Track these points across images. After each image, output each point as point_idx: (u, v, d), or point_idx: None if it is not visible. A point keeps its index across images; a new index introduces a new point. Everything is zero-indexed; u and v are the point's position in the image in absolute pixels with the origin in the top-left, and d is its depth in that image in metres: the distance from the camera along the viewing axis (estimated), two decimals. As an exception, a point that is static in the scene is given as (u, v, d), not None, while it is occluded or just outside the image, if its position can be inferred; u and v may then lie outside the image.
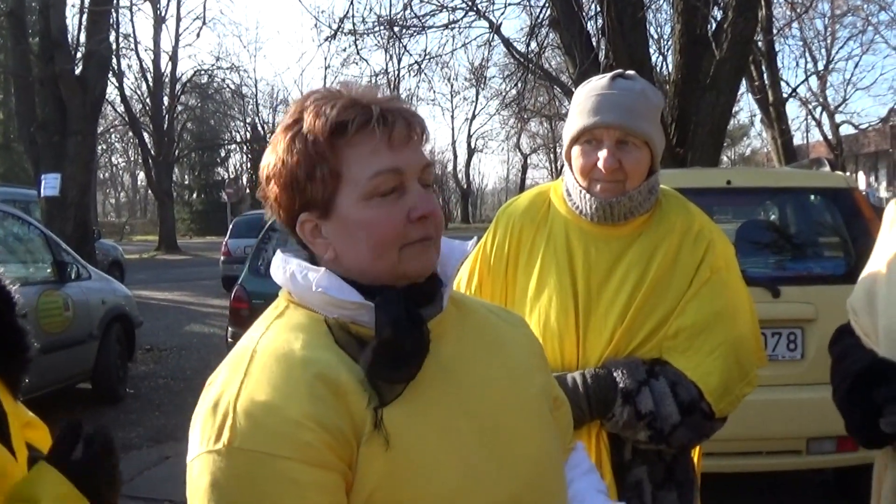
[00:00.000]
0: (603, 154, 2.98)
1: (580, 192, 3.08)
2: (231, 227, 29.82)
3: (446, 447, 1.81)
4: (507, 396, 1.96)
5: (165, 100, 56.22)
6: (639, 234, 3.10)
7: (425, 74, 23.74)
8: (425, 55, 19.13)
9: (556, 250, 3.12)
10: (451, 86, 57.06)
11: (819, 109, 43.70)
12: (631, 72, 3.19)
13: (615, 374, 2.92)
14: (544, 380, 2.13)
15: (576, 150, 3.08)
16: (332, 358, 1.80)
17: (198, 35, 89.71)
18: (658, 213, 3.15)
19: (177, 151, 59.60)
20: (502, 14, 56.50)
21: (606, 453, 2.96)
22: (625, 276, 3.04)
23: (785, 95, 35.01)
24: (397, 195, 1.86)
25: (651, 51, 16.54)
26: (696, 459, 3.33)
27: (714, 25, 12.47)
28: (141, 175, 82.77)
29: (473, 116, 77.73)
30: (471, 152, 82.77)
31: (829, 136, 43.38)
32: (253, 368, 1.80)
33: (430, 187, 1.91)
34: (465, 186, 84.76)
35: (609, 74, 3.14)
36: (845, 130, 46.17)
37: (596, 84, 3.11)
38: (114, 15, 27.23)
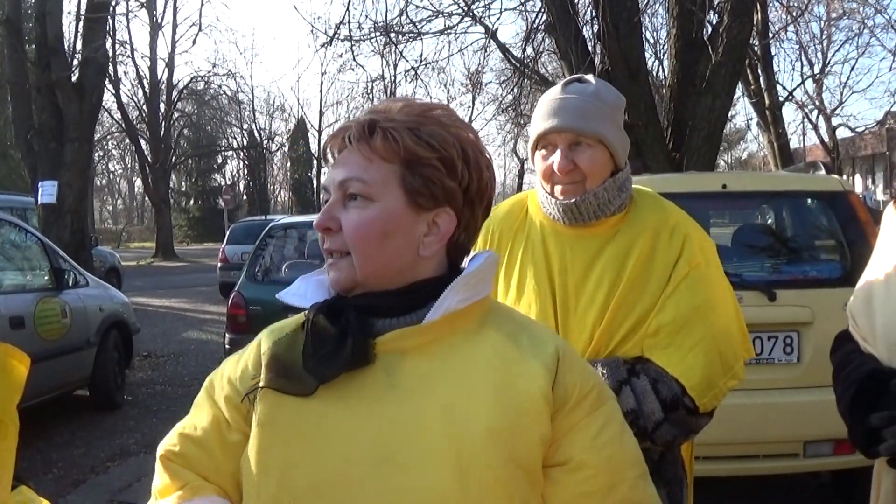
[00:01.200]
0: (556, 157, 3.04)
1: (546, 196, 3.14)
2: (228, 233, 29.87)
3: (326, 450, 1.90)
4: (439, 429, 1.88)
5: (162, 106, 56.14)
6: (614, 233, 3.13)
7: (421, 80, 23.74)
8: (421, 61, 19.12)
9: (534, 255, 3.16)
10: (448, 91, 56.88)
11: (815, 113, 43.75)
12: (588, 76, 3.25)
13: None
14: (521, 427, 1.90)
15: (536, 156, 3.16)
16: (286, 339, 2.04)
17: (194, 42, 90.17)
18: (632, 211, 3.18)
19: (173, 158, 59.55)
20: (498, 19, 56.42)
21: None
22: (601, 275, 3.07)
23: (781, 99, 35.00)
24: None
25: (647, 55, 16.60)
26: (686, 459, 3.34)
27: (710, 29, 12.45)
28: (138, 182, 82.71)
29: (470, 121, 77.78)
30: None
31: (826, 140, 43.39)
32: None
33: (357, 199, 1.94)
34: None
35: (565, 80, 3.21)
36: (842, 133, 46.25)
37: (551, 91, 3.18)
38: (110, 22, 27.22)
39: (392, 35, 16.17)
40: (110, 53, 30.42)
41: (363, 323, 1.93)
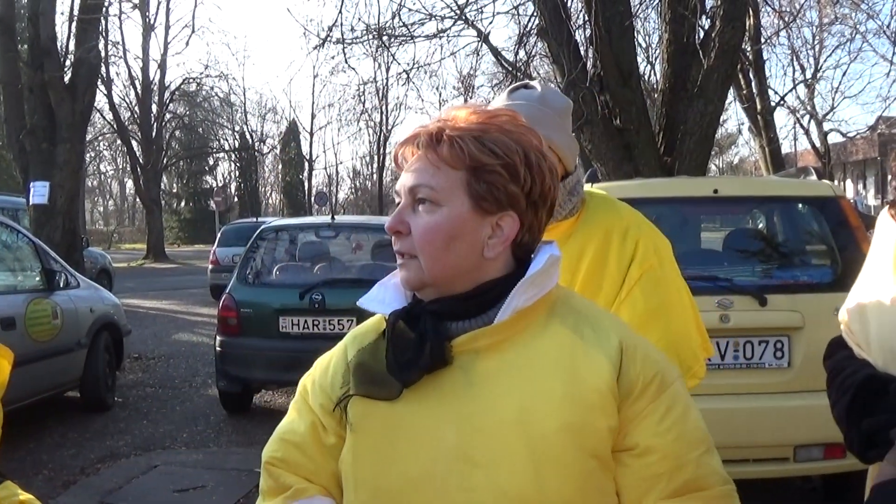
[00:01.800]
0: None
1: None
2: (219, 235, 29.92)
3: (414, 451, 2.03)
4: (514, 427, 1.98)
5: (154, 108, 56.15)
6: (567, 237, 3.14)
7: (413, 83, 23.77)
8: (413, 64, 19.13)
9: None
10: (440, 94, 57.07)
11: (807, 118, 43.74)
12: (533, 82, 3.26)
13: None
14: (590, 420, 2.00)
15: None
16: (370, 346, 2.14)
17: (187, 43, 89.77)
18: (585, 215, 3.20)
19: (165, 159, 59.54)
20: (491, 23, 56.47)
21: None
22: None
23: (773, 104, 35.08)
24: None
25: (639, 60, 16.56)
26: None
27: (702, 34, 12.45)
28: (129, 183, 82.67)
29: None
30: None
31: (817, 145, 43.42)
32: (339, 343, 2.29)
33: (425, 204, 2.03)
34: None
35: (511, 87, 3.23)
36: (833, 139, 46.22)
37: (497, 99, 3.20)
38: (103, 23, 27.18)
39: (384, 38, 16.15)
40: (103, 54, 30.39)
41: (439, 327, 2.04)
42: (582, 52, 12.81)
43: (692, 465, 2.06)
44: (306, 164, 75.86)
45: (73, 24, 20.00)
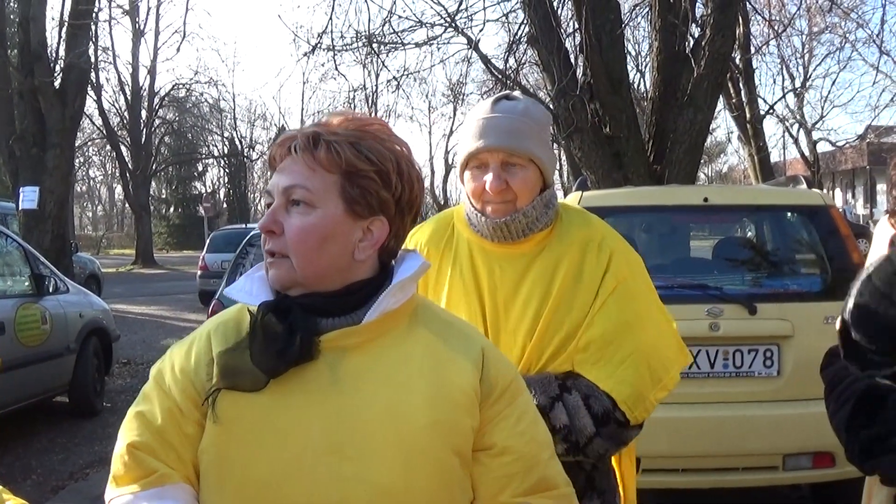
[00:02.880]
0: (489, 177, 3.07)
1: (476, 214, 3.17)
2: (208, 241, 29.93)
3: (282, 443, 2.06)
4: (384, 422, 2.07)
5: (143, 113, 56.02)
6: (541, 249, 3.17)
7: (403, 90, 23.83)
8: (403, 71, 19.11)
9: (462, 273, 3.20)
10: (429, 102, 57.25)
11: (796, 127, 43.78)
12: (516, 93, 3.29)
13: None
14: (456, 418, 2.13)
15: (466, 174, 3.18)
16: (235, 338, 2.16)
17: (178, 50, 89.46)
18: (559, 227, 3.22)
19: (154, 165, 59.39)
20: (481, 30, 56.46)
21: None
22: (530, 292, 3.11)
23: (762, 112, 35.10)
24: None
25: (629, 68, 16.57)
26: (617, 467, 3.36)
27: (692, 43, 12.47)
28: (118, 188, 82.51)
29: (451, 132, 77.82)
30: (448, 168, 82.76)
31: (807, 154, 43.45)
32: (196, 330, 2.29)
33: (299, 206, 2.11)
34: (443, 202, 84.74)
35: (493, 97, 3.24)
36: (822, 148, 46.32)
37: (480, 108, 3.20)
38: (93, 28, 27.14)
39: (374, 45, 16.14)
40: (93, 60, 30.39)
41: (309, 321, 2.10)
42: (572, 60, 12.82)
43: (542, 466, 2.21)
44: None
45: (64, 29, 19.97)
